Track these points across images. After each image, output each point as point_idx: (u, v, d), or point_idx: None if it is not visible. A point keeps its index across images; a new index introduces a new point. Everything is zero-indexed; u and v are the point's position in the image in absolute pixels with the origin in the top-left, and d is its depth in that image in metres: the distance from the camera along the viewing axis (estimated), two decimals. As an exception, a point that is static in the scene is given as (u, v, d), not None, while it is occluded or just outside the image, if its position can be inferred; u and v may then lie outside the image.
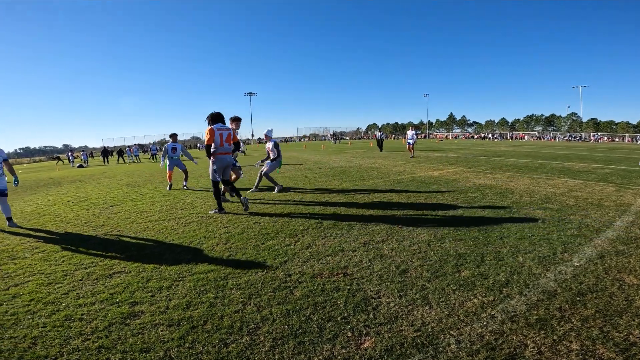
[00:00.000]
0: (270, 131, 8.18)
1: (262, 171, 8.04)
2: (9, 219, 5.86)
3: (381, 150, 22.52)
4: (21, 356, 2.16)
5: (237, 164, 7.90)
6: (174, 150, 9.38)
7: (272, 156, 7.99)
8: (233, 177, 7.50)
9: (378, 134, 23.53)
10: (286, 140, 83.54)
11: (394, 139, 70.94)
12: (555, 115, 75.12)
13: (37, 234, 5.24)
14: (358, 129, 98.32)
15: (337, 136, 59.01)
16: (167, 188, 9.17)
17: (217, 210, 5.99)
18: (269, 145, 8.02)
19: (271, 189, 8.13)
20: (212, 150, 5.66)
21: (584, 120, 69.01)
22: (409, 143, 16.70)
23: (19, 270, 3.68)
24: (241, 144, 7.78)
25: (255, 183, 8.18)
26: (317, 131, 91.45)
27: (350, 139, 76.99)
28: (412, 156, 16.67)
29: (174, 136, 9.69)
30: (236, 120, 6.76)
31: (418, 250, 3.73)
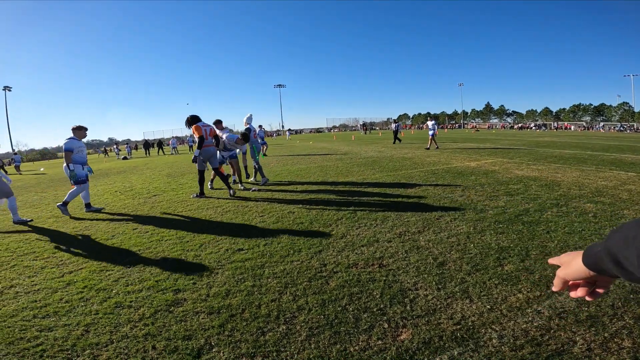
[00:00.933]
0: (249, 118, 8.02)
1: (253, 161, 8.10)
2: (87, 205, 6.46)
3: (395, 142, 21.16)
4: (74, 343, 2.25)
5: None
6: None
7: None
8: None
9: (394, 125, 22.58)
10: (317, 130, 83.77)
11: (421, 129, 68.54)
12: (605, 105, 69.43)
13: (89, 222, 5.62)
14: (388, 119, 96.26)
15: (367, 126, 58.00)
16: (229, 192, 6.81)
17: (197, 194, 6.95)
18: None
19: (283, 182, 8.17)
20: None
21: (637, 110, 63.66)
22: (430, 134, 15.97)
23: (72, 257, 3.96)
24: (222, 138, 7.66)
25: (260, 175, 8.15)
26: (346, 122, 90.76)
27: (380, 129, 75.60)
28: (436, 148, 15.84)
29: (218, 123, 8.09)
30: (218, 122, 7.80)
31: (457, 242, 3.61)
